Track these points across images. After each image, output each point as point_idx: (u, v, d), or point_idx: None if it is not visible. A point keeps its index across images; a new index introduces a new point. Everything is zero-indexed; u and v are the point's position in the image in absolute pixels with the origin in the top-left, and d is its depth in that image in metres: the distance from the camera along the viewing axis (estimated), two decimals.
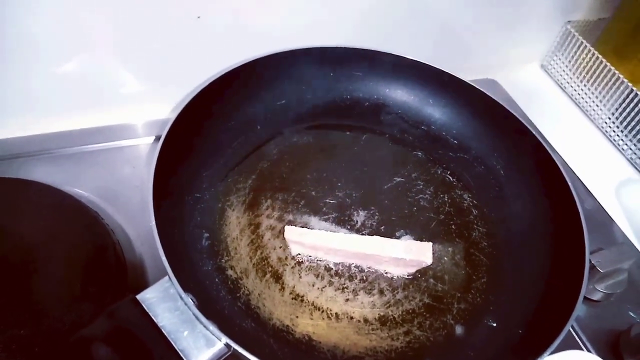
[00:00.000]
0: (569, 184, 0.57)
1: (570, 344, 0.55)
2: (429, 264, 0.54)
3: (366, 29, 0.75)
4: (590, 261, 0.52)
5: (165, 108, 0.70)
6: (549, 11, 0.87)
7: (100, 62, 0.64)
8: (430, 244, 0.55)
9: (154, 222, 0.45)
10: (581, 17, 0.90)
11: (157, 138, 0.65)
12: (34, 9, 0.56)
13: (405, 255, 0.53)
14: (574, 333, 0.58)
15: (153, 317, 0.42)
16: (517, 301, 0.53)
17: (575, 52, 0.88)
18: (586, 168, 0.77)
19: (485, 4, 0.80)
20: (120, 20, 0.61)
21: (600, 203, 0.72)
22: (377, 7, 0.73)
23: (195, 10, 0.63)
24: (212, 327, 0.41)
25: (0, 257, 0.52)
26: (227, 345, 0.41)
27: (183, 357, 0.40)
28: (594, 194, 0.73)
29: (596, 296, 0.59)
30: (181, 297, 0.42)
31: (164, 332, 0.41)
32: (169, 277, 0.43)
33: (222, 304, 0.49)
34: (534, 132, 0.62)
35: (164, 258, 0.43)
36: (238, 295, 0.51)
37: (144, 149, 0.68)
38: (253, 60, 0.63)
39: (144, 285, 0.56)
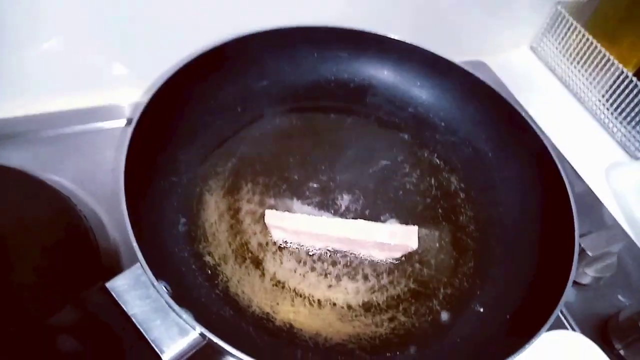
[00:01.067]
0: (559, 167, 0.55)
1: (558, 328, 0.54)
2: (415, 249, 0.52)
3: (352, 9, 0.72)
4: (579, 245, 0.51)
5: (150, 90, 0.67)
6: None
7: (80, 42, 0.61)
8: (416, 227, 0.53)
9: (124, 207, 0.43)
10: None
11: (128, 122, 0.63)
12: None
13: (390, 239, 0.51)
14: (562, 317, 0.57)
15: (122, 305, 0.40)
16: (505, 286, 0.52)
17: (566, 34, 0.86)
18: (576, 151, 0.75)
19: None
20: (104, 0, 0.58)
21: (590, 186, 0.71)
22: None
23: None
24: (186, 316, 0.39)
25: None
26: (202, 334, 0.39)
27: (155, 347, 0.38)
28: (583, 177, 0.72)
29: (585, 280, 0.58)
30: (153, 285, 0.40)
31: (134, 320, 0.39)
32: (140, 263, 0.41)
33: (198, 291, 0.47)
34: (523, 115, 0.60)
35: (134, 244, 0.41)
36: (216, 282, 0.49)
37: (117, 132, 0.66)
38: (233, 40, 0.60)
39: (117, 270, 0.54)
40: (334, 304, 0.49)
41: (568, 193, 0.53)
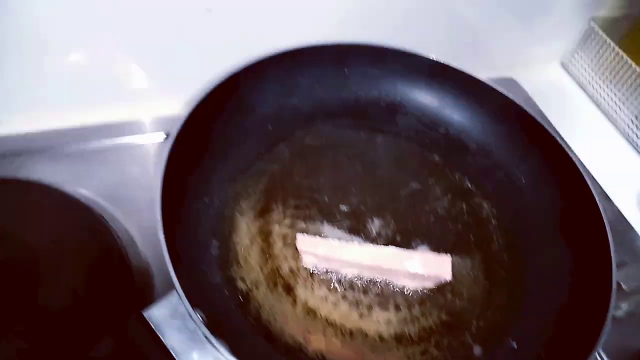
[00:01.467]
0: (595, 196, 0.54)
1: None
2: (448, 280, 0.51)
3: (382, 26, 0.71)
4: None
5: (174, 104, 0.67)
6: (571, 6, 0.84)
7: (107, 56, 0.61)
8: (450, 257, 0.52)
9: (161, 234, 0.43)
10: (605, 13, 0.86)
11: (167, 136, 0.62)
12: (38, 2, 0.53)
13: (423, 269, 0.51)
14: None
15: (161, 337, 0.40)
16: (539, 320, 0.51)
17: (598, 51, 0.84)
18: (606, 173, 0.74)
19: (505, 1, 0.77)
20: (127, 12, 0.58)
21: (621, 210, 0.70)
22: (394, 3, 0.69)
23: (205, 3, 0.60)
24: (223, 349, 0.39)
25: (2, 262, 0.50)
26: None
27: None
28: (614, 201, 0.71)
29: (619, 314, 0.57)
30: (190, 315, 0.40)
31: (172, 353, 0.39)
32: (177, 293, 0.41)
33: (231, 318, 0.47)
34: (556, 138, 0.59)
35: (173, 274, 0.41)
36: (248, 309, 0.48)
37: (151, 147, 0.66)
38: (265, 57, 0.59)
39: (149, 290, 0.54)
40: (366, 335, 0.49)
41: (605, 224, 0.52)
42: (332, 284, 0.52)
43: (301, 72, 0.64)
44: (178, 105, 0.67)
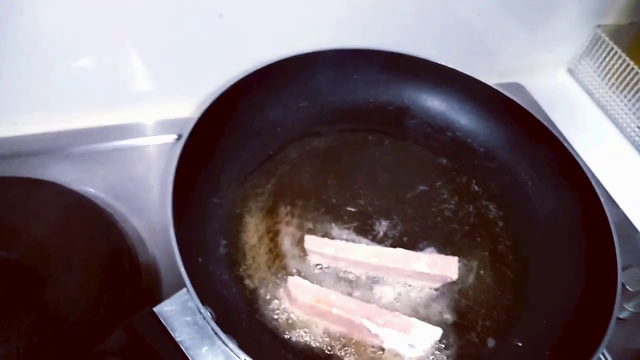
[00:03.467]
0: (601, 198, 0.54)
1: None
2: (454, 279, 0.52)
3: (390, 32, 0.72)
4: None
5: (185, 107, 0.68)
6: (578, 14, 0.84)
7: (118, 60, 0.63)
8: (456, 258, 0.53)
9: (172, 232, 0.44)
10: (612, 20, 0.87)
11: (178, 138, 0.63)
12: (49, 5, 0.55)
13: (430, 269, 0.51)
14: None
15: (171, 332, 0.40)
16: (544, 320, 0.51)
17: (605, 57, 0.85)
18: (612, 178, 0.74)
19: (512, 7, 0.78)
20: (139, 16, 0.59)
21: (626, 214, 0.70)
22: (402, 10, 0.70)
23: (218, 8, 0.61)
24: (232, 345, 0.39)
25: (15, 260, 0.51)
26: None
27: None
28: (620, 205, 0.71)
29: (624, 314, 0.57)
30: (200, 311, 0.41)
31: (182, 347, 0.40)
32: (187, 289, 0.41)
33: (239, 315, 0.48)
34: (563, 142, 0.60)
35: (182, 270, 0.42)
36: (256, 306, 0.49)
37: (159, 148, 0.67)
38: (276, 62, 0.61)
39: (157, 288, 0.55)
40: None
41: (610, 226, 0.53)
42: (339, 283, 0.52)
43: (310, 76, 0.65)
44: (189, 108, 0.68)
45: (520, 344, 0.50)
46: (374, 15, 0.69)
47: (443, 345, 0.49)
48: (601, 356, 0.56)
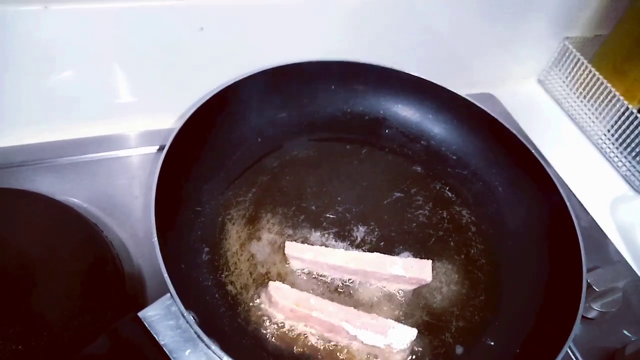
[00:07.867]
0: (567, 203, 0.57)
1: None
2: (429, 282, 0.54)
3: (366, 44, 0.75)
4: (586, 280, 0.53)
5: (167, 119, 0.70)
6: (546, 27, 0.88)
7: (100, 73, 0.64)
8: (430, 261, 0.55)
9: (155, 239, 0.45)
10: (579, 33, 0.91)
11: (160, 148, 0.65)
12: (31, 20, 0.56)
13: (405, 272, 0.53)
14: (569, 351, 0.58)
15: (155, 336, 0.42)
16: (515, 320, 0.54)
17: (572, 68, 0.89)
18: (581, 184, 0.77)
19: (484, 21, 0.81)
20: (120, 30, 0.61)
21: (595, 219, 0.73)
22: (377, 23, 0.73)
23: (198, 22, 0.63)
24: (214, 347, 0.41)
25: None
26: None
27: None
28: (589, 210, 0.74)
29: (591, 314, 0.59)
30: (183, 315, 0.42)
31: (165, 350, 0.41)
32: (171, 294, 0.43)
33: (222, 320, 0.49)
34: (532, 150, 0.63)
35: (166, 275, 0.43)
36: (238, 311, 0.51)
37: (142, 159, 0.68)
38: (254, 74, 0.63)
39: (141, 296, 0.56)
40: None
41: (576, 229, 0.55)
42: (318, 288, 0.54)
43: (289, 87, 0.68)
44: (171, 119, 0.70)
45: (492, 343, 0.52)
46: (351, 29, 0.72)
47: (420, 348, 0.51)
48: (571, 355, 0.58)
